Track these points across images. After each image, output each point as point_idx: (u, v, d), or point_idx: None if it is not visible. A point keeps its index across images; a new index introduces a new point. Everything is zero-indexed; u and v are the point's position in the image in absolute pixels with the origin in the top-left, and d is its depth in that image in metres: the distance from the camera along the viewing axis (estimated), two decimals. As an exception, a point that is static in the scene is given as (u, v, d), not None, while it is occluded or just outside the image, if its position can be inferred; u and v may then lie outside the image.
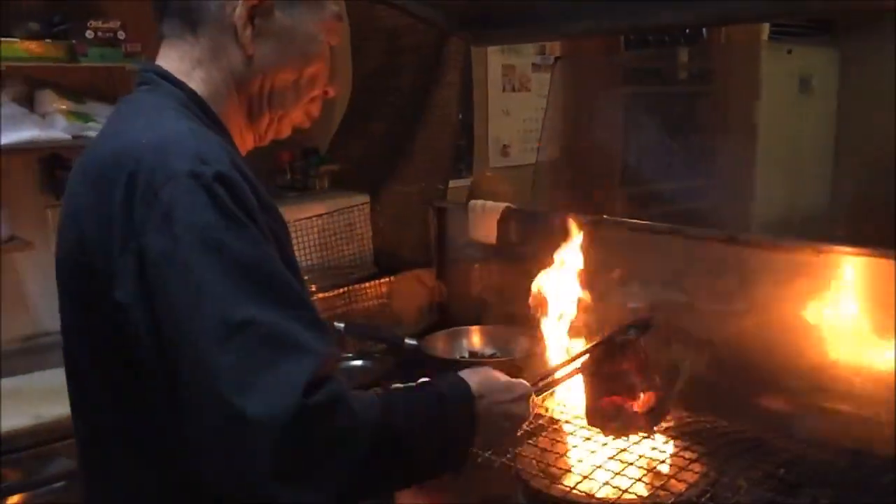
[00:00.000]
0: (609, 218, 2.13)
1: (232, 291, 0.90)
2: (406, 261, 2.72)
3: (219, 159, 0.97)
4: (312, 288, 2.39)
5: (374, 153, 2.87)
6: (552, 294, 1.80)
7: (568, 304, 1.79)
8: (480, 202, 2.49)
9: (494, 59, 3.69)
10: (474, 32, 2.53)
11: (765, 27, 3.87)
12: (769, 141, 3.36)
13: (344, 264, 2.67)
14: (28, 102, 2.42)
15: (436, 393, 1.10)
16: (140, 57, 2.38)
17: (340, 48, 1.14)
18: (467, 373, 1.18)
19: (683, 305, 1.96)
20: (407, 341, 2.18)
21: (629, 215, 2.22)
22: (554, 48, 3.78)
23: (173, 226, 0.92)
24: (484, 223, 2.45)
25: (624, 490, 1.46)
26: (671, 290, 2.01)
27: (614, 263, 2.06)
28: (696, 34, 4.01)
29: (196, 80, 1.11)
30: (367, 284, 2.59)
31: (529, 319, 1.84)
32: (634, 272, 2.02)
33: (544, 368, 1.50)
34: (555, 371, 1.42)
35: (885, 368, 1.62)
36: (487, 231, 2.44)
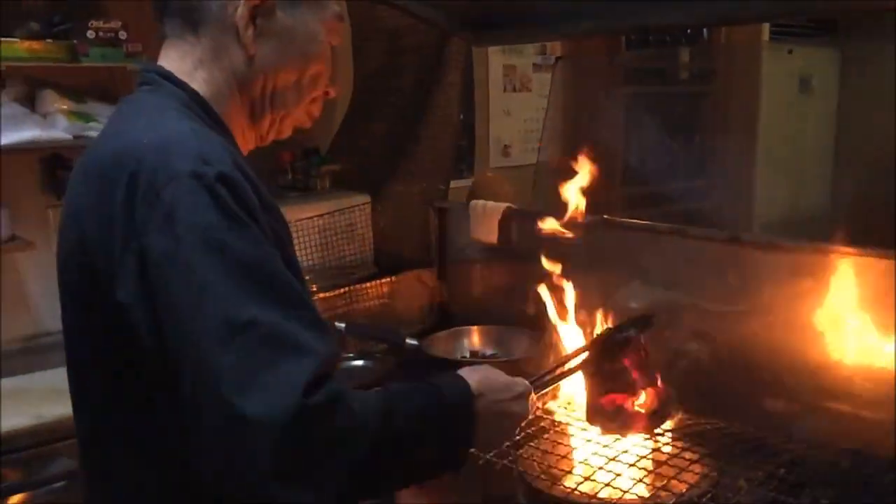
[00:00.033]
0: (610, 218, 2.13)
1: (233, 292, 0.90)
2: (407, 261, 2.72)
3: (221, 160, 0.97)
4: (313, 288, 2.39)
5: (376, 153, 2.87)
6: (557, 295, 1.79)
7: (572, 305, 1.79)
8: (481, 202, 2.49)
9: (495, 60, 3.68)
10: (475, 33, 2.53)
11: (765, 27, 3.87)
12: (770, 141, 3.36)
13: (345, 264, 2.67)
14: (29, 102, 2.42)
15: (435, 392, 1.09)
16: (141, 57, 2.38)
17: (341, 48, 1.14)
18: (467, 371, 1.18)
19: (684, 306, 1.96)
20: (408, 341, 2.18)
21: (630, 215, 2.22)
22: (555, 48, 3.78)
23: (175, 226, 0.91)
24: (485, 223, 2.45)
25: (625, 491, 1.46)
26: (672, 291, 2.01)
27: (615, 264, 2.06)
28: (697, 34, 4.01)
29: (198, 81, 1.11)
30: (368, 284, 2.59)
31: (536, 321, 1.84)
32: (635, 272, 2.02)
33: (544, 367, 1.50)
34: (554, 369, 1.41)
35: (887, 368, 1.62)
36: (488, 231, 2.44)
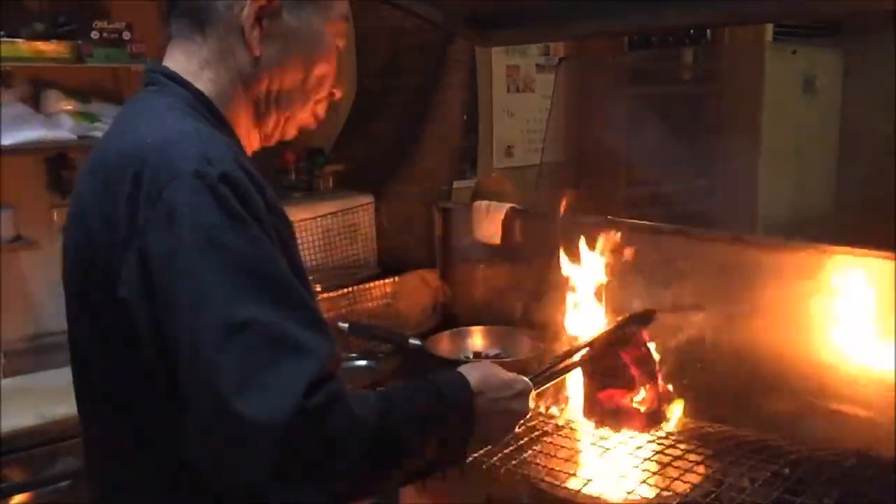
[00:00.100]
0: (613, 219, 2.13)
1: (234, 292, 0.90)
2: (410, 261, 2.72)
3: (224, 160, 0.96)
4: (317, 288, 2.39)
5: (379, 153, 2.87)
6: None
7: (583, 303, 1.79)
8: (485, 203, 2.49)
9: (499, 60, 3.68)
10: (479, 33, 2.52)
11: (769, 28, 3.86)
12: (773, 141, 3.35)
13: (348, 264, 2.67)
14: (34, 102, 2.43)
15: (435, 391, 1.09)
16: (145, 58, 2.39)
17: (345, 48, 1.14)
18: (467, 368, 1.18)
19: (688, 306, 1.96)
20: (411, 341, 2.18)
21: (633, 216, 2.22)
22: (558, 49, 3.77)
23: (176, 225, 0.91)
24: (488, 224, 2.45)
25: (629, 492, 1.47)
26: (675, 291, 2.01)
27: (618, 264, 2.06)
28: (700, 35, 4.00)
29: (203, 81, 1.11)
30: (372, 284, 2.59)
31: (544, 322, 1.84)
32: (639, 273, 2.01)
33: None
34: (554, 365, 1.41)
35: (890, 369, 1.62)
36: (492, 232, 2.44)
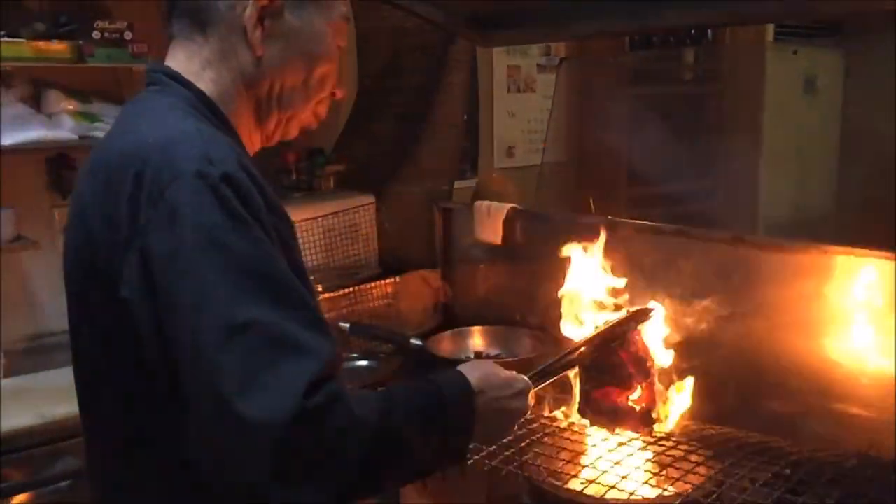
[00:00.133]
0: (614, 219, 2.13)
1: (235, 292, 0.90)
2: (411, 261, 2.72)
3: (225, 160, 0.96)
4: (318, 288, 2.39)
5: (380, 154, 2.87)
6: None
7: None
8: (486, 203, 2.49)
9: (499, 60, 3.68)
10: (480, 33, 2.52)
11: (770, 28, 3.86)
12: (774, 142, 3.36)
13: (349, 265, 2.67)
14: (35, 102, 2.43)
15: (435, 391, 1.10)
16: (147, 58, 2.39)
17: (346, 49, 1.14)
18: (467, 368, 1.18)
19: (689, 306, 1.96)
20: (412, 342, 2.18)
21: (634, 216, 2.22)
22: (559, 49, 3.78)
23: (178, 225, 0.92)
24: (489, 224, 2.45)
25: (631, 493, 1.47)
26: (677, 292, 2.00)
27: (620, 265, 2.06)
28: (702, 35, 4.00)
29: (205, 81, 1.11)
30: (373, 285, 2.59)
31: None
32: (640, 273, 2.01)
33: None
34: (553, 363, 1.41)
35: (892, 370, 1.62)
36: (493, 232, 2.44)
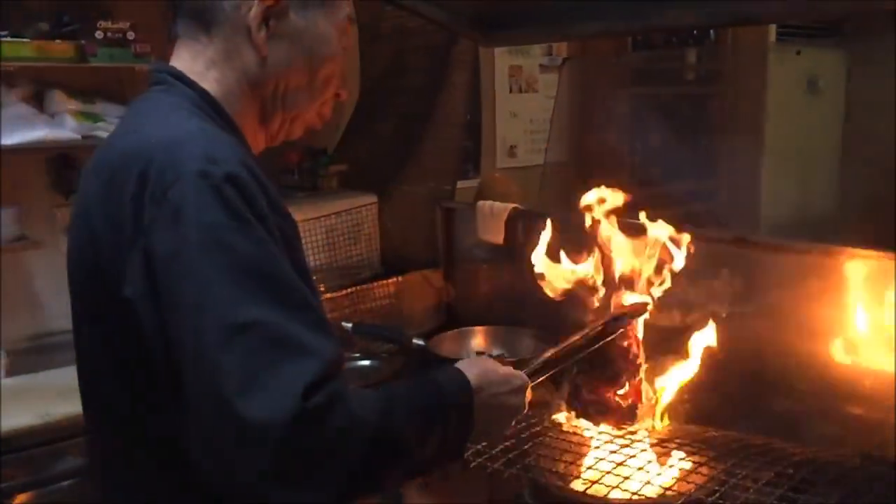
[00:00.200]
0: (616, 219, 2.12)
1: (237, 292, 0.90)
2: (413, 261, 2.72)
3: (229, 160, 0.96)
4: (321, 288, 2.39)
5: (382, 154, 2.87)
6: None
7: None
8: (488, 203, 2.50)
9: (502, 60, 3.68)
10: (482, 33, 2.52)
11: (772, 28, 3.86)
12: (777, 142, 3.35)
13: (351, 264, 2.67)
14: (37, 102, 2.43)
15: (435, 390, 1.10)
16: (149, 58, 2.39)
17: (351, 49, 1.14)
18: (466, 365, 1.18)
19: (691, 307, 1.96)
20: (414, 341, 2.18)
21: (636, 216, 2.21)
22: (561, 49, 3.78)
23: (181, 225, 0.92)
24: (492, 224, 2.45)
25: (634, 493, 1.47)
26: (678, 292, 2.00)
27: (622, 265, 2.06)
28: (704, 35, 4.00)
29: (209, 81, 1.11)
30: (375, 284, 2.60)
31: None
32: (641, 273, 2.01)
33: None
34: (549, 359, 1.41)
35: (894, 370, 1.62)
36: (495, 232, 2.45)
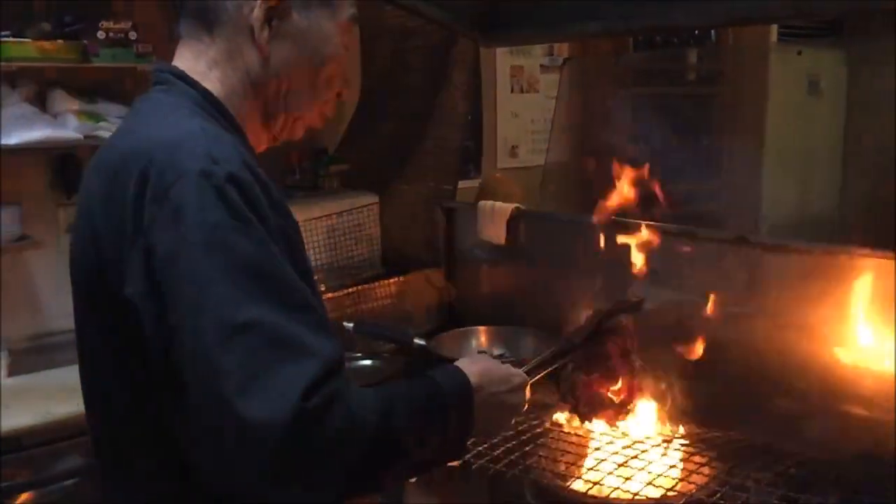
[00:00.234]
0: (618, 219, 2.13)
1: (237, 292, 0.90)
2: (415, 261, 2.72)
3: (230, 159, 0.97)
4: (322, 288, 2.39)
5: (383, 153, 2.87)
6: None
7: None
8: (489, 203, 2.50)
9: (503, 60, 3.69)
10: (483, 33, 2.52)
11: (773, 28, 3.86)
12: (778, 142, 3.35)
13: (353, 264, 2.67)
14: (40, 102, 2.43)
15: (435, 390, 1.10)
16: (151, 57, 2.40)
17: (353, 49, 1.15)
18: (466, 363, 1.18)
19: (692, 307, 1.96)
20: (416, 341, 2.18)
21: (638, 216, 2.22)
22: (562, 49, 3.78)
23: (181, 224, 0.92)
24: (493, 224, 2.45)
25: (635, 494, 1.47)
26: (680, 292, 2.00)
27: (623, 265, 2.06)
28: (705, 35, 4.00)
29: (212, 81, 1.11)
30: (376, 284, 2.59)
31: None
32: (643, 274, 2.01)
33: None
34: (547, 356, 1.42)
35: (895, 370, 1.62)
36: (496, 232, 2.45)
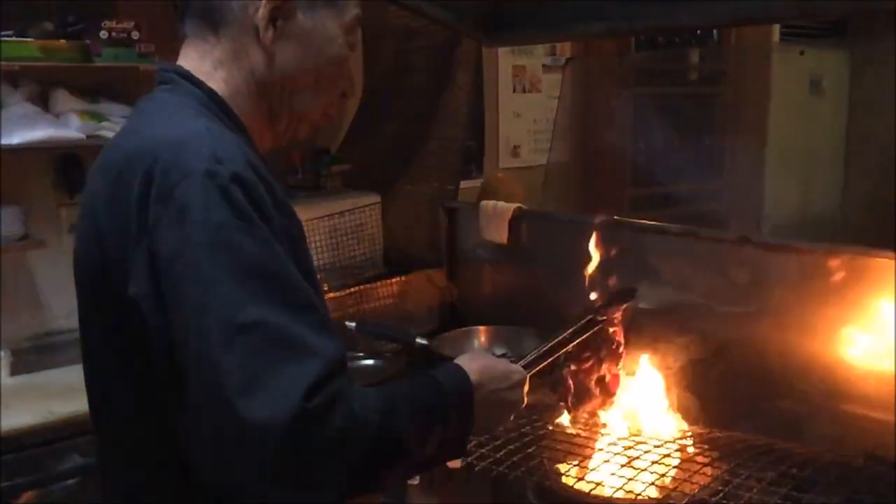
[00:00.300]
0: (620, 219, 2.13)
1: (240, 292, 0.90)
2: (417, 261, 2.72)
3: (235, 159, 0.97)
4: (324, 288, 2.40)
5: (385, 153, 2.87)
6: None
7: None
8: (492, 203, 2.50)
9: (505, 60, 3.68)
10: (486, 33, 2.53)
11: (776, 28, 3.86)
12: (780, 142, 3.35)
13: (355, 264, 2.68)
14: (42, 102, 2.43)
15: (437, 389, 1.10)
16: (153, 57, 2.39)
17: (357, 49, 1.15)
18: (466, 360, 1.18)
19: (694, 307, 1.96)
20: (418, 341, 2.18)
21: (639, 216, 2.22)
22: (564, 49, 3.77)
23: (186, 224, 0.92)
24: (495, 224, 2.45)
25: (638, 494, 1.47)
26: (682, 292, 2.01)
27: (625, 265, 2.06)
28: (707, 35, 4.00)
29: (217, 81, 1.11)
30: (378, 284, 2.60)
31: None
32: (644, 274, 2.01)
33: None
34: (542, 348, 1.43)
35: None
36: (498, 231, 2.45)
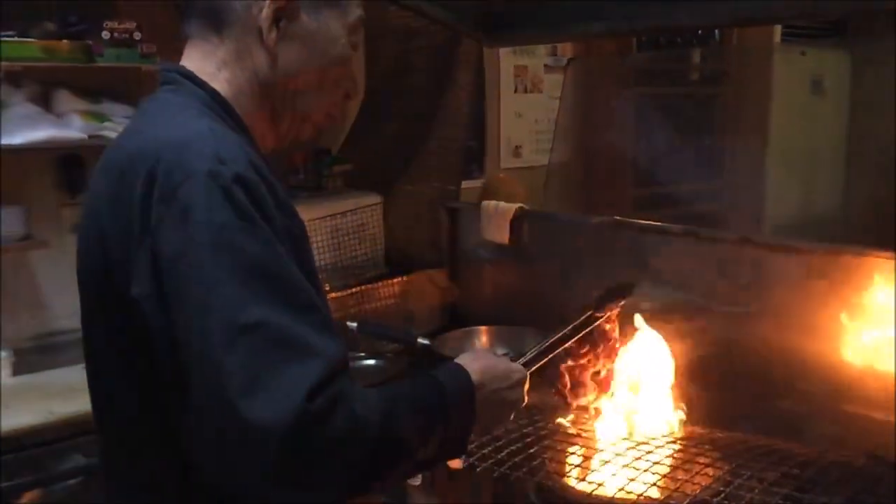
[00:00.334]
0: (621, 219, 2.13)
1: (242, 292, 0.90)
2: (418, 261, 2.72)
3: (238, 160, 0.97)
4: (326, 288, 2.40)
5: (387, 153, 2.87)
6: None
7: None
8: (493, 203, 2.50)
9: (506, 60, 3.68)
10: (487, 33, 2.53)
11: (777, 29, 3.86)
12: (781, 143, 3.35)
13: (356, 264, 2.68)
14: (44, 102, 2.43)
15: (438, 389, 1.10)
16: (155, 58, 2.40)
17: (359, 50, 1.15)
18: (467, 359, 1.18)
19: (695, 307, 1.96)
20: (419, 341, 2.18)
21: (641, 217, 2.22)
22: (566, 49, 3.77)
23: (188, 224, 0.92)
24: (496, 224, 2.46)
25: (639, 495, 1.47)
26: (682, 292, 2.01)
27: (626, 265, 2.06)
28: (709, 35, 4.00)
29: (220, 81, 1.11)
30: (380, 284, 2.60)
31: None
32: (646, 274, 2.02)
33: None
34: (541, 346, 1.43)
35: (898, 370, 1.62)
36: (500, 232, 2.45)
